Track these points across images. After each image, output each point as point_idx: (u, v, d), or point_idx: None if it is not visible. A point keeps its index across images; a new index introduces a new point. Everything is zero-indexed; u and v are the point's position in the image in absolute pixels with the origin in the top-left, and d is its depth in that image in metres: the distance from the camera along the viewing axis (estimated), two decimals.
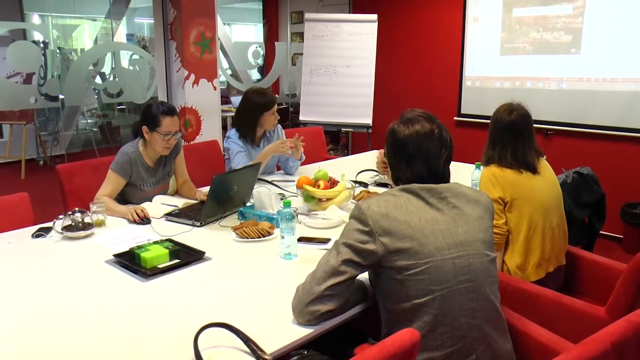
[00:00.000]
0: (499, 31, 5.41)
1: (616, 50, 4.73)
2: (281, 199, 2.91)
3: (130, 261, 2.13)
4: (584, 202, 3.50)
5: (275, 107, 3.59)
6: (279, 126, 3.78)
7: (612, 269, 2.51)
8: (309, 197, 2.80)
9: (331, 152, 6.90)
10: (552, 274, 2.56)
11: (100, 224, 2.61)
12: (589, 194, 3.52)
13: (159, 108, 2.89)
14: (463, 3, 5.66)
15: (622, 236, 4.77)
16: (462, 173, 3.36)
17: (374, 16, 5.66)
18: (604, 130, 4.89)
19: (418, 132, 1.72)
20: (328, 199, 2.78)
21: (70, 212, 2.49)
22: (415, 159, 1.72)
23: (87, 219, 2.52)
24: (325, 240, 2.38)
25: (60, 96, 5.41)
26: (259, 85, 5.91)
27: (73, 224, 2.46)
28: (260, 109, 3.52)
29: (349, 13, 6.74)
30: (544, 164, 2.62)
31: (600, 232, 3.72)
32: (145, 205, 2.83)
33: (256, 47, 6.85)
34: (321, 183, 2.86)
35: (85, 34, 10.96)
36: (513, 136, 2.55)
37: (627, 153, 4.80)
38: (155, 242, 2.26)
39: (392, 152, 1.78)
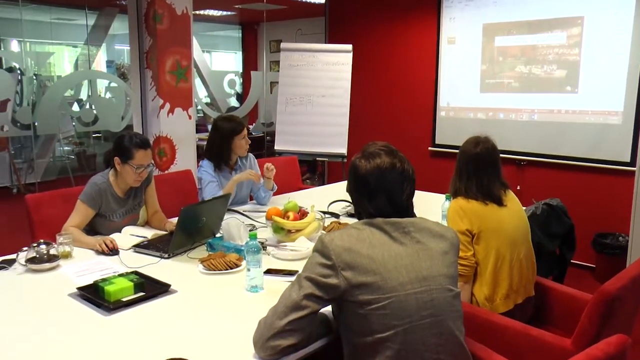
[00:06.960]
0: (479, 63, 5.51)
1: (588, 84, 4.85)
2: (250, 230, 2.89)
3: (93, 294, 2.09)
4: (554, 233, 3.54)
5: (245, 131, 3.59)
6: (252, 156, 3.78)
7: (580, 299, 2.54)
8: (278, 229, 2.79)
9: (307, 181, 6.91)
10: (521, 305, 2.57)
11: (67, 255, 2.56)
12: (558, 224, 3.56)
13: (132, 140, 2.85)
14: (436, 53, 5.77)
15: (594, 265, 4.82)
16: (433, 204, 3.37)
17: (349, 46, 5.72)
18: (574, 161, 4.99)
19: (379, 167, 1.70)
20: (297, 230, 2.78)
21: (35, 244, 2.44)
22: (377, 194, 1.70)
23: (52, 251, 2.47)
24: (293, 273, 2.36)
25: (35, 124, 5.37)
26: (233, 113, 5.93)
27: (37, 256, 2.41)
28: (229, 134, 3.53)
29: (325, 43, 6.80)
30: (510, 196, 2.65)
31: (573, 261, 3.75)
32: (114, 236, 2.79)
33: (233, 76, 6.87)
34: (290, 214, 2.85)
35: (65, 60, 10.92)
36: (478, 168, 2.57)
37: (597, 184, 4.89)
38: (121, 275, 2.23)
39: (354, 187, 1.77)
